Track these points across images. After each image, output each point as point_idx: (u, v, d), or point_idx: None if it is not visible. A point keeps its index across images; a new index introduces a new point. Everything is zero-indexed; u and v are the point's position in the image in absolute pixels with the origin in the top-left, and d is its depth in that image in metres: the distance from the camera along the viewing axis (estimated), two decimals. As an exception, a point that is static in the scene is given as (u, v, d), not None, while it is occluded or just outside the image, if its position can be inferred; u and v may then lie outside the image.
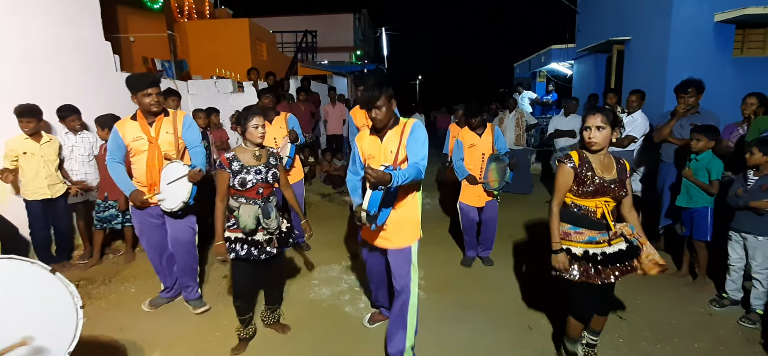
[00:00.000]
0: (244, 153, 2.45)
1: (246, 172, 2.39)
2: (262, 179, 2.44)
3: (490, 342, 2.72)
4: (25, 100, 3.50)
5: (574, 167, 2.08)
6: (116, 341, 2.74)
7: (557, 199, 2.16)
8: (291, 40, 14.31)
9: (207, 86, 6.57)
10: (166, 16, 8.78)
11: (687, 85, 3.65)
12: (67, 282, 1.42)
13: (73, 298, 1.40)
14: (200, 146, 2.88)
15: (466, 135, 3.80)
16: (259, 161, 2.45)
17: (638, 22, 6.63)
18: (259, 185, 2.43)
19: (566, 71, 11.67)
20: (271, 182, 2.49)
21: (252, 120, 2.41)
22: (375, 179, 1.91)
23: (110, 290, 3.48)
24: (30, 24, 4.01)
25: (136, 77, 2.71)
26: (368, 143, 2.33)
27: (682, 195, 3.36)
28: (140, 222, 2.93)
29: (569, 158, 2.10)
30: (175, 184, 2.72)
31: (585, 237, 2.13)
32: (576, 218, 2.15)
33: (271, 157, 2.53)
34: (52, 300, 1.38)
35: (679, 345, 2.65)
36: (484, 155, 3.71)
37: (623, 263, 2.11)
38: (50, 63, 4.15)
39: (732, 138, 3.68)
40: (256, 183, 2.41)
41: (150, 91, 2.66)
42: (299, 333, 2.81)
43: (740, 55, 5.65)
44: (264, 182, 2.45)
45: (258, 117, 2.43)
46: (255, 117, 2.42)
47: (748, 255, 2.93)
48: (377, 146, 2.29)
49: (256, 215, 2.38)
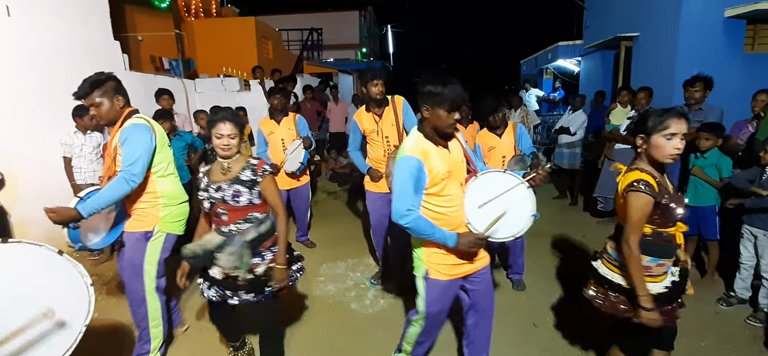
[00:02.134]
0: (218, 165, 1.98)
1: (206, 189, 1.96)
2: (221, 199, 1.90)
3: (495, 338, 2.72)
4: (37, 99, 3.57)
5: (652, 192, 1.65)
6: (126, 336, 2.80)
7: (636, 236, 1.70)
8: (297, 38, 14.35)
9: (214, 85, 6.63)
10: (174, 14, 8.86)
11: (695, 79, 3.70)
12: (75, 262, 1.49)
13: (83, 277, 1.48)
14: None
15: (485, 137, 3.37)
16: (224, 176, 1.93)
17: (647, 18, 6.55)
18: (217, 205, 1.92)
19: (573, 68, 11.57)
20: (233, 205, 1.90)
21: (215, 127, 1.90)
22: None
23: (121, 286, 3.54)
24: (41, 24, 4.08)
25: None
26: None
27: (690, 193, 3.33)
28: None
29: (645, 184, 1.66)
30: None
31: (663, 269, 1.78)
32: (658, 250, 1.75)
33: (246, 171, 1.93)
34: (63, 279, 1.47)
35: (686, 343, 2.64)
36: (505, 158, 3.23)
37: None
38: (61, 62, 4.22)
39: (742, 135, 3.64)
40: (213, 204, 1.93)
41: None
42: (305, 330, 2.84)
43: (751, 51, 5.57)
44: (222, 202, 1.90)
45: (224, 123, 1.89)
46: (220, 123, 1.89)
47: (757, 254, 2.90)
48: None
49: (203, 249, 1.87)
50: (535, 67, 13.67)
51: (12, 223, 3.72)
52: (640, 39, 6.79)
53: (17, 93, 3.78)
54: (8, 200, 3.67)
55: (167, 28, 8.50)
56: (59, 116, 4.08)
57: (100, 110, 2.11)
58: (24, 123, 3.84)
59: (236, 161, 1.96)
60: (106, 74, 2.14)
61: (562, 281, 3.52)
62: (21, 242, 1.44)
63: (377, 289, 3.44)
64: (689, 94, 3.73)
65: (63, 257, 1.48)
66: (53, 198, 4.07)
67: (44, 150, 3.92)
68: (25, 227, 3.85)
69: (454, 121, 1.74)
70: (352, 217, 5.33)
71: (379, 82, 3.02)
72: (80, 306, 1.47)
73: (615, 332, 1.98)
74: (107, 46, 4.87)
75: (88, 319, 1.49)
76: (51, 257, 1.46)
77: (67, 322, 1.44)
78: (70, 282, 1.47)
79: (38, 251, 1.45)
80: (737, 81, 5.12)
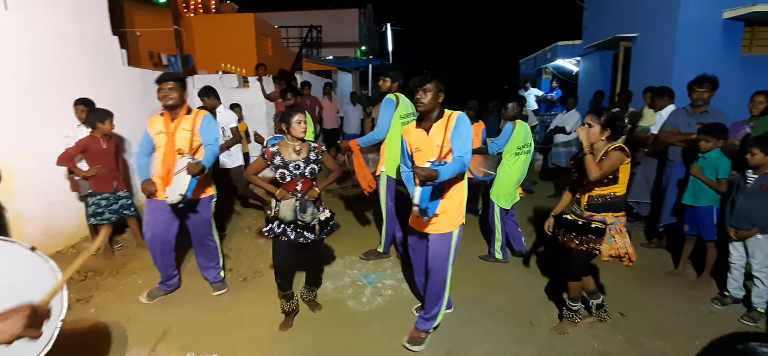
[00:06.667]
0: (286, 148, 2.60)
1: (284, 167, 2.56)
2: (300, 174, 2.58)
3: (491, 337, 2.75)
4: (35, 94, 3.54)
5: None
6: (124, 331, 2.80)
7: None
8: (296, 35, 14.32)
9: (212, 81, 6.61)
10: (172, 10, 8.83)
11: (703, 80, 3.61)
12: (46, 257, 1.46)
13: (54, 272, 1.44)
14: (214, 143, 2.96)
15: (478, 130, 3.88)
16: (298, 156, 2.60)
17: (646, 19, 6.57)
18: (297, 180, 2.58)
19: (572, 68, 11.58)
20: (308, 177, 2.61)
21: (295, 116, 2.56)
22: (424, 177, 2.05)
23: (117, 281, 3.54)
24: (40, 19, 4.06)
25: (161, 75, 2.92)
26: (415, 137, 2.43)
27: (688, 193, 3.35)
28: (149, 213, 3.00)
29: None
30: (178, 176, 2.80)
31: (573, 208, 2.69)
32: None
33: (312, 152, 2.64)
34: (35, 275, 1.41)
35: (680, 342, 2.66)
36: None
37: (579, 236, 2.50)
38: (59, 57, 4.20)
39: (738, 136, 3.66)
40: (293, 178, 2.57)
41: (163, 85, 2.84)
42: (302, 327, 2.85)
43: (749, 54, 5.60)
44: (302, 177, 2.59)
45: (300, 114, 2.58)
46: (298, 113, 2.57)
47: (748, 253, 2.92)
48: (424, 139, 2.38)
49: (293, 208, 2.53)
50: (534, 66, 13.66)
51: (8, 219, 3.71)
52: (639, 40, 6.81)
53: (14, 87, 3.77)
54: (5, 196, 3.66)
55: (165, 23, 8.47)
56: (57, 111, 4.07)
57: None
58: (21, 118, 3.82)
59: (304, 146, 2.64)
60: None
61: (558, 279, 3.54)
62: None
63: (374, 286, 3.45)
64: (697, 95, 3.63)
65: (35, 253, 1.43)
66: (50, 193, 4.07)
67: (42, 145, 3.91)
68: (21, 223, 3.84)
69: (418, 98, 2.32)
70: (348, 215, 5.34)
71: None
72: (54, 305, 1.38)
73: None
74: (106, 41, 4.85)
75: (63, 314, 1.42)
76: (22, 253, 1.41)
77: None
78: (42, 277, 1.40)
79: (8, 247, 1.40)
80: (735, 83, 5.13)
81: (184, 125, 2.89)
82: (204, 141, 2.93)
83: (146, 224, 3.02)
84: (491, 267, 3.88)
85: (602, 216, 2.49)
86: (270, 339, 2.72)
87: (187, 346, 2.63)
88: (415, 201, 2.17)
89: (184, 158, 2.83)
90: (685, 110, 3.81)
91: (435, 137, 2.35)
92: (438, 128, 2.35)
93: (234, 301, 3.21)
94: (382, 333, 2.79)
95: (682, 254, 3.56)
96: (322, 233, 2.68)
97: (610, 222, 2.47)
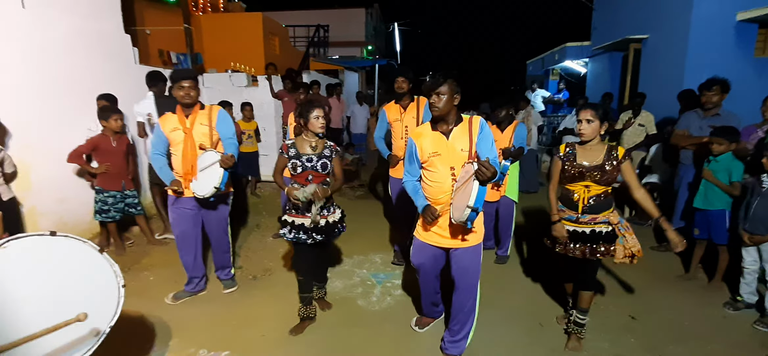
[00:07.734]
0: (302, 142, 2.64)
1: (297, 158, 2.60)
2: (312, 167, 2.61)
3: (503, 338, 2.74)
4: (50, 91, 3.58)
5: (560, 157, 2.52)
6: (137, 328, 2.83)
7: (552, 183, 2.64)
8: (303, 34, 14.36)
9: (222, 80, 6.66)
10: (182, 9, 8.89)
11: (712, 83, 3.62)
12: (112, 261, 1.50)
13: (117, 277, 1.48)
14: (233, 137, 3.01)
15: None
16: (313, 151, 2.62)
17: (657, 20, 6.51)
18: (307, 172, 2.60)
19: (581, 69, 11.51)
20: (320, 170, 2.62)
21: (313, 112, 2.58)
22: (491, 175, 1.87)
23: (130, 278, 3.57)
24: (55, 17, 4.11)
25: (175, 71, 2.92)
26: (431, 141, 2.26)
27: (699, 196, 3.32)
28: (175, 213, 3.03)
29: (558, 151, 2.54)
30: (207, 171, 2.83)
31: (566, 215, 2.52)
32: (562, 199, 2.57)
33: (327, 149, 2.67)
34: (99, 276, 1.48)
35: (693, 347, 2.64)
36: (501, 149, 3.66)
37: (587, 245, 2.43)
38: (73, 55, 4.26)
39: (751, 140, 3.62)
40: (304, 170, 2.59)
41: (183, 84, 2.83)
42: (312, 327, 2.86)
43: (762, 56, 5.53)
44: (313, 170, 2.61)
45: (319, 109, 2.60)
46: (316, 109, 2.59)
47: (762, 258, 2.90)
48: (443, 143, 2.22)
49: (307, 195, 2.58)
50: (541, 67, 13.59)
51: (24, 213, 3.76)
52: (650, 41, 6.75)
53: (30, 84, 3.82)
54: (20, 191, 3.71)
55: (176, 22, 8.53)
56: (71, 108, 4.13)
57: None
58: (36, 114, 3.87)
59: (320, 142, 2.66)
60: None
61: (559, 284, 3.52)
62: (68, 236, 1.45)
63: (384, 285, 3.46)
64: (706, 98, 3.63)
65: (103, 256, 1.49)
66: (63, 189, 4.13)
67: (56, 141, 3.96)
68: (36, 218, 3.90)
69: (432, 103, 2.21)
70: (357, 214, 5.35)
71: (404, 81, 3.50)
72: (109, 306, 1.46)
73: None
74: (118, 39, 4.90)
75: (114, 321, 1.48)
76: (91, 254, 1.47)
77: (94, 325, 1.44)
78: (104, 280, 1.47)
79: (81, 247, 1.46)
80: (748, 85, 5.08)
81: (201, 120, 2.92)
82: (223, 136, 2.98)
83: (175, 224, 3.06)
84: (501, 268, 3.87)
85: (604, 217, 2.43)
86: (281, 337, 2.74)
87: (200, 343, 2.66)
88: (471, 203, 1.92)
89: (209, 152, 2.86)
90: (696, 112, 3.79)
91: (456, 142, 2.20)
92: (460, 133, 2.21)
93: (244, 299, 3.23)
94: (395, 332, 2.80)
95: (693, 258, 3.53)
96: (330, 235, 2.71)
97: (615, 222, 2.41)
